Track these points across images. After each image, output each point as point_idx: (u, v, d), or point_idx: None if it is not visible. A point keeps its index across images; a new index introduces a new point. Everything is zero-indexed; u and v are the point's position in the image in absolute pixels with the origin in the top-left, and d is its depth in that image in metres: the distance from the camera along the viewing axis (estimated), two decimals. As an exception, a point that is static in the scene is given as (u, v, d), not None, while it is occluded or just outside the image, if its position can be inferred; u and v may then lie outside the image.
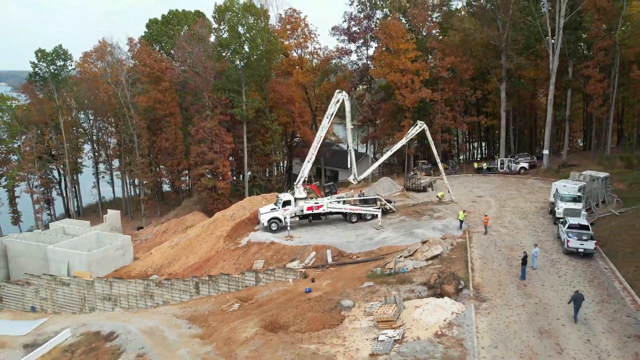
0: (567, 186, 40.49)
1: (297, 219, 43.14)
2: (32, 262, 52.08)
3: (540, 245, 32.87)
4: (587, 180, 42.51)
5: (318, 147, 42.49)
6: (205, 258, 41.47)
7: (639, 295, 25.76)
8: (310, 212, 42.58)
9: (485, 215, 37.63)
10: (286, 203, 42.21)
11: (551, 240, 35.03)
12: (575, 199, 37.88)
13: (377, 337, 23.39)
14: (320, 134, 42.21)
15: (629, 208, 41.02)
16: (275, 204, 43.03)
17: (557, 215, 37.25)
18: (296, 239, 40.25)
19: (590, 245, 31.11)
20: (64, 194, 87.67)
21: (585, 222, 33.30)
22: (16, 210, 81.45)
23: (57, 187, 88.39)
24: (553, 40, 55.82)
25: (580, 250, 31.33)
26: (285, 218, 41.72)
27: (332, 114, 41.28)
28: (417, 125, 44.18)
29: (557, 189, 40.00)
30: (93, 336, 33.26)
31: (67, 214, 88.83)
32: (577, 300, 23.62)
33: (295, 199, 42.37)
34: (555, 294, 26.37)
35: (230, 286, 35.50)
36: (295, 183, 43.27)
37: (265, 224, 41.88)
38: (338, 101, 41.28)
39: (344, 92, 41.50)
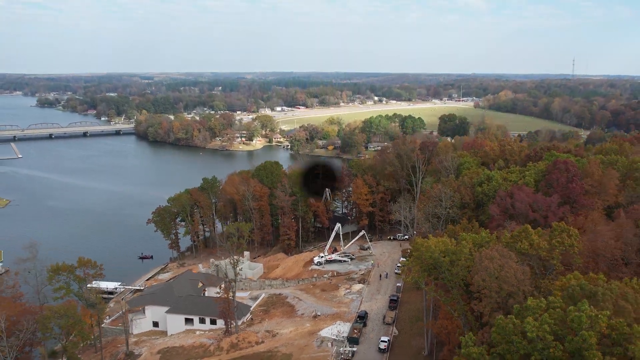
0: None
1: (325, 261, 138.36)
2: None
3: (390, 270, 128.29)
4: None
5: (330, 242, 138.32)
6: (297, 273, 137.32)
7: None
8: (329, 260, 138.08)
9: (378, 260, 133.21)
10: (321, 257, 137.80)
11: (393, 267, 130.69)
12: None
13: (345, 290, 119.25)
14: (329, 241, 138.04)
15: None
16: (318, 257, 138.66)
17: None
18: (325, 268, 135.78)
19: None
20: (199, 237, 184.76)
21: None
22: (179, 248, 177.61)
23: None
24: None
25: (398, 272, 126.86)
26: (322, 261, 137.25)
27: (334, 235, 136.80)
28: (361, 232, 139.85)
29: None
30: (274, 295, 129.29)
31: (195, 248, 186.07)
32: (387, 274, 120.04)
33: (324, 255, 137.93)
34: (385, 281, 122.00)
35: (309, 281, 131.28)
36: (325, 248, 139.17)
37: (316, 263, 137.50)
38: (336, 230, 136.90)
39: (339, 225, 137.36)
